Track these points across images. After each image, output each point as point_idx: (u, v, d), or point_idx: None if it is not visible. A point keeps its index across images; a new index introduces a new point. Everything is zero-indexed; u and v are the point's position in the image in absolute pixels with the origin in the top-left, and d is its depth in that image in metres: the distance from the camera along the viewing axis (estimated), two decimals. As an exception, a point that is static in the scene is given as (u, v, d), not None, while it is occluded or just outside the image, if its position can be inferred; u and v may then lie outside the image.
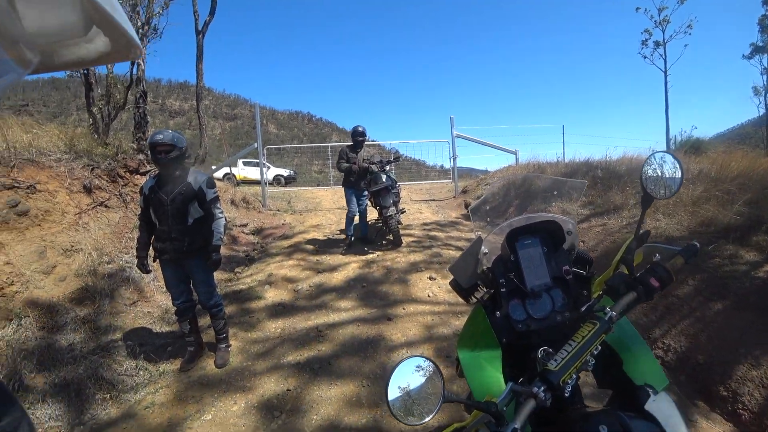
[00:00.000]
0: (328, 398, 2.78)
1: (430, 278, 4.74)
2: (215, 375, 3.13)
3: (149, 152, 3.09)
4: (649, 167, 1.26)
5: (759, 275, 3.13)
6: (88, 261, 3.83)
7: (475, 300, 1.48)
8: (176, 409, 2.76)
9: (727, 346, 2.86)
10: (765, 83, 23.62)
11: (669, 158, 1.26)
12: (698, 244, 1.24)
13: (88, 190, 4.50)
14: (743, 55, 25.53)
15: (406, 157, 15.53)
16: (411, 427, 0.90)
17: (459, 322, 3.69)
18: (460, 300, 1.53)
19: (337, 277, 4.98)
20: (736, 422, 2.53)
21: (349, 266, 5.34)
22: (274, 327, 3.83)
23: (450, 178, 11.29)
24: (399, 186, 6.90)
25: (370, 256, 5.69)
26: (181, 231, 3.08)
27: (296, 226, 7.88)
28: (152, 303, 4.10)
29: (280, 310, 4.17)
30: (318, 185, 14.90)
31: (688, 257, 1.21)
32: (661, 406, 0.98)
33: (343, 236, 6.35)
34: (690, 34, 25.82)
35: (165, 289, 4.30)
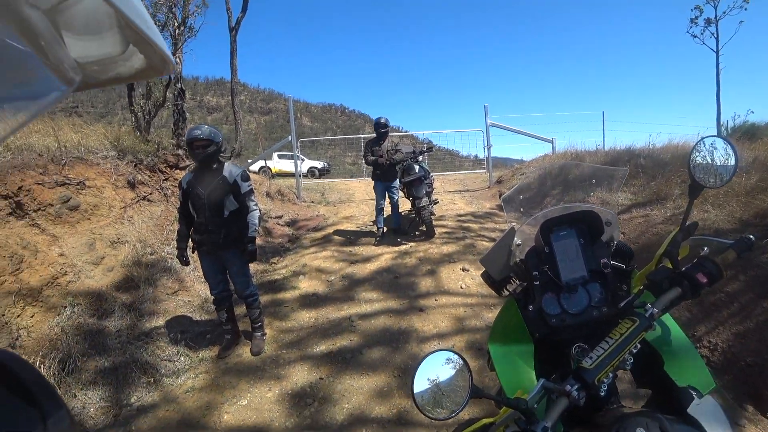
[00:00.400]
0: (359, 388, 2.82)
1: (463, 270, 4.69)
2: (251, 362, 3.23)
3: (187, 148, 3.19)
4: (698, 153, 1.18)
5: None
6: (132, 252, 4.03)
7: (507, 293, 1.44)
8: (214, 394, 2.87)
9: None
10: None
11: (721, 143, 1.17)
12: (753, 237, 1.15)
13: (131, 185, 4.72)
14: None
15: (439, 147, 15.38)
16: (437, 421, 0.88)
17: (491, 315, 3.63)
18: (493, 292, 1.49)
19: (370, 268, 5.01)
20: None
21: (381, 257, 5.35)
22: (308, 317, 3.90)
23: (484, 168, 11.08)
24: (432, 176, 6.83)
25: (402, 247, 5.69)
26: (217, 223, 3.17)
27: (330, 217, 7.98)
28: (192, 292, 4.27)
29: (313, 300, 4.24)
30: (351, 177, 15.00)
31: (742, 251, 1.13)
32: (706, 410, 0.92)
33: (376, 228, 6.37)
34: (746, 9, 23.85)
35: (203, 279, 4.49)
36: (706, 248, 1.13)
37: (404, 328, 3.55)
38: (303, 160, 15.73)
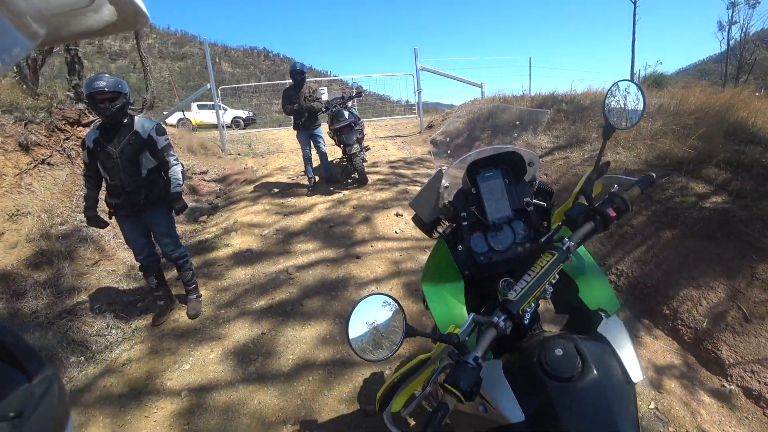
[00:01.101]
0: (302, 338, 2.90)
1: (397, 215, 4.81)
2: (189, 326, 3.18)
3: (89, 102, 2.78)
4: (612, 97, 1.24)
5: (706, 206, 3.35)
6: (38, 224, 3.66)
7: (437, 234, 1.49)
8: (154, 362, 2.82)
9: (672, 270, 3.12)
10: (729, 18, 23.16)
11: (633, 88, 1.25)
12: (654, 175, 1.27)
13: (24, 147, 4.18)
14: None
15: (369, 92, 15.04)
16: (374, 362, 0.93)
17: (426, 257, 3.82)
18: (426, 236, 1.56)
19: (304, 219, 4.98)
20: (674, 336, 2.84)
21: (315, 207, 5.33)
22: (243, 273, 3.86)
23: (415, 113, 11.08)
24: (363, 123, 6.73)
25: (336, 196, 5.68)
26: (135, 184, 2.92)
27: (259, 169, 7.69)
28: (115, 261, 4.02)
29: (248, 257, 4.18)
30: (279, 126, 14.34)
31: (645, 187, 1.23)
32: (612, 328, 1.03)
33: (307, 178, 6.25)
34: None
35: (126, 245, 4.23)
36: (615, 186, 1.23)
37: (342, 276, 3.65)
38: (225, 110, 14.67)
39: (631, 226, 3.63)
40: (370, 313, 0.94)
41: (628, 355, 0.97)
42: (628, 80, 1.26)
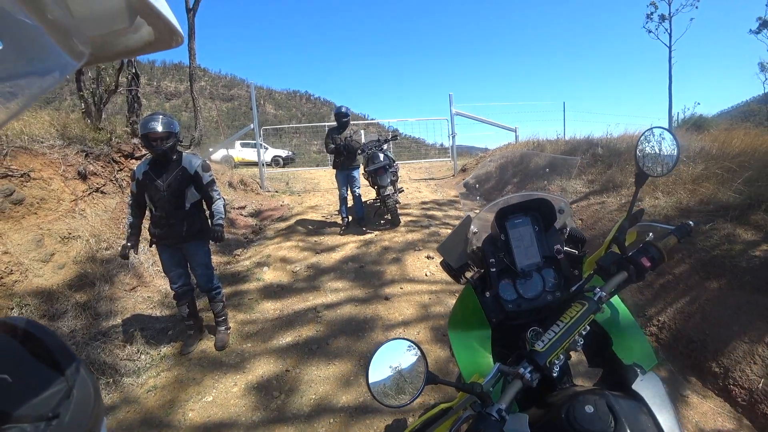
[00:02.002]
0: (326, 378, 2.85)
1: (428, 257, 4.77)
2: (215, 357, 3.19)
3: (143, 141, 3.02)
4: (644, 144, 1.23)
5: (755, 254, 3.12)
6: (86, 248, 3.86)
7: (465, 280, 1.46)
8: (177, 391, 2.83)
9: (720, 324, 2.88)
10: None
11: (665, 134, 1.23)
12: (692, 223, 1.22)
13: (83, 176, 4.49)
14: (750, 30, 24.75)
15: (405, 135, 15.41)
16: (393, 408, 0.91)
17: (454, 301, 3.73)
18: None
19: (335, 257, 5.01)
20: (726, 397, 2.57)
21: (346, 246, 5.37)
22: (273, 308, 3.88)
23: (449, 157, 11.22)
24: (397, 165, 6.86)
25: (367, 236, 5.72)
26: (179, 216, 3.07)
27: (294, 207, 7.89)
28: (152, 288, 4.15)
29: (278, 292, 4.22)
30: (317, 165, 14.83)
31: (681, 236, 1.19)
32: (649, 385, 0.97)
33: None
34: (697, 7, 25.08)
35: (163, 273, 4.37)
36: (651, 234, 1.19)
37: (369, 316, 3.60)
38: (266, 148, 15.36)
39: (673, 274, 3.42)
40: (392, 358, 0.92)
41: (666, 416, 0.90)
42: (661, 127, 1.24)
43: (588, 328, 1.02)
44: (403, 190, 6.96)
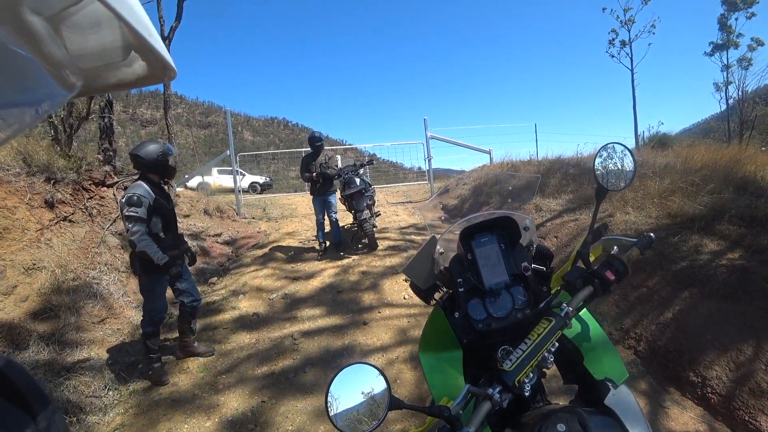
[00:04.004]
0: (302, 408, 2.77)
1: (405, 280, 4.77)
2: (186, 392, 3.07)
3: (163, 164, 3.09)
4: (601, 159, 1.25)
5: (722, 263, 3.23)
6: (51, 279, 3.71)
7: (434, 301, 1.45)
8: (147, 428, 2.70)
9: (694, 333, 2.94)
10: (725, 79, 24.43)
11: (619, 148, 1.25)
12: (653, 236, 1.24)
13: (50, 204, 4.35)
14: (704, 52, 26.38)
15: (382, 159, 15.59)
16: None
17: (433, 325, 3.73)
18: None
19: (313, 284, 4.96)
20: (705, 406, 2.60)
21: (324, 272, 5.32)
22: (248, 338, 3.78)
23: (426, 180, 11.37)
24: (373, 189, 6.91)
25: (345, 261, 5.69)
26: (181, 236, 3.28)
27: (271, 233, 7.80)
28: (121, 319, 3.99)
29: (254, 321, 4.12)
30: (295, 191, 14.77)
31: (644, 248, 1.21)
32: (621, 399, 0.98)
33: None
34: (654, 33, 26.55)
35: (135, 304, 4.23)
36: (615, 247, 1.21)
37: (347, 343, 3.55)
38: (243, 175, 15.25)
39: (646, 287, 3.50)
40: (353, 384, 0.89)
41: (639, 430, 0.91)
42: (616, 142, 1.27)
43: (557, 344, 1.01)
44: (380, 214, 6.99)
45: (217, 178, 17.22)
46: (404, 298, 4.37)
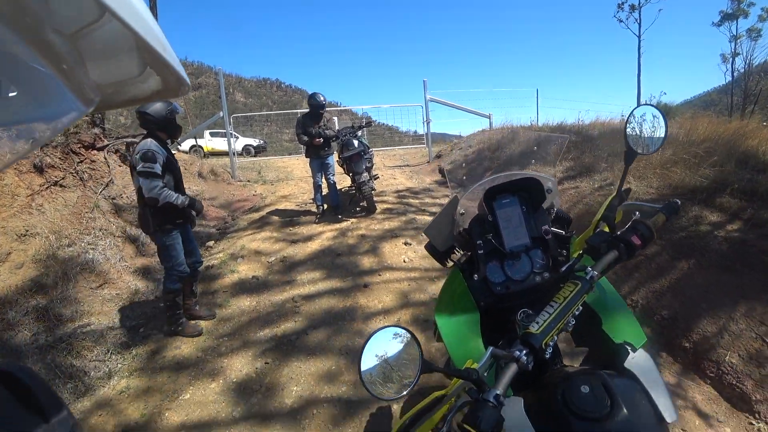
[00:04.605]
0: (307, 370, 2.80)
1: (406, 244, 4.75)
2: (190, 354, 3.08)
3: (171, 121, 3.11)
4: (633, 122, 1.21)
5: (721, 235, 3.25)
6: (45, 245, 3.64)
7: (451, 263, 1.44)
8: (152, 391, 2.72)
9: (690, 302, 2.99)
10: (732, 50, 23.76)
11: (654, 112, 1.22)
12: (679, 201, 1.21)
13: (39, 169, 4.23)
14: (713, 22, 25.54)
15: (379, 122, 15.25)
16: (389, 401, 0.86)
17: (435, 287, 3.73)
18: (437, 264, 1.49)
19: (311, 247, 4.93)
20: (696, 371, 2.68)
21: (322, 235, 5.29)
22: (249, 302, 3.78)
23: (423, 143, 11.18)
24: (372, 152, 6.78)
25: (343, 224, 5.65)
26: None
27: (267, 196, 7.72)
28: (119, 285, 3.96)
29: (254, 284, 4.11)
30: (289, 154, 14.54)
31: (670, 214, 1.19)
32: (640, 363, 0.97)
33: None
34: None
35: (132, 269, 4.20)
36: (637, 213, 1.17)
37: (349, 306, 3.56)
38: (237, 137, 14.94)
39: (645, 255, 3.50)
40: (385, 347, 0.89)
41: (659, 392, 0.90)
42: (649, 105, 1.23)
43: (581, 308, 1.00)
44: (378, 177, 6.89)
45: (210, 141, 16.91)
46: (404, 261, 4.36)
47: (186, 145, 13.72)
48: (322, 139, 5.52)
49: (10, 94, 0.35)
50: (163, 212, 2.98)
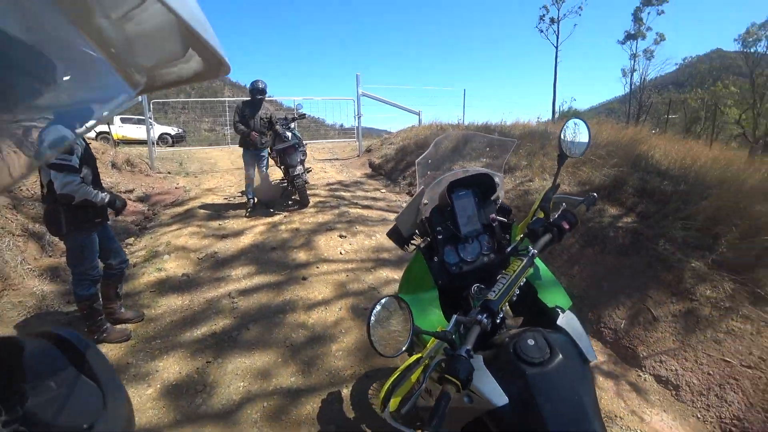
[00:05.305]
0: (252, 365, 2.76)
1: (341, 236, 4.81)
2: (119, 360, 2.85)
3: None
4: (565, 131, 1.50)
5: (619, 225, 3.83)
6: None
7: (411, 248, 1.66)
8: (77, 400, 2.51)
9: (595, 282, 3.51)
10: (631, 66, 27.60)
11: (582, 125, 1.53)
12: (596, 195, 1.53)
13: None
14: (618, 40, 28.96)
15: (309, 115, 14.98)
16: (390, 357, 1.01)
17: (372, 278, 3.85)
18: (371, 256, 1.69)
19: (244, 242, 4.80)
20: (599, 338, 3.14)
21: (254, 230, 5.16)
22: (180, 301, 3.60)
23: (353, 137, 11.25)
24: (305, 145, 6.71)
25: (276, 218, 5.56)
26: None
27: (191, 189, 7.32)
28: (22, 291, 3.54)
29: (184, 282, 3.92)
30: (210, 145, 13.78)
31: (589, 205, 1.48)
32: (568, 320, 1.22)
33: (245, 199, 6.04)
34: (580, 15, 28.78)
35: (37, 272, 3.79)
36: (563, 204, 1.45)
37: (288, 299, 3.55)
38: (153, 125, 13.81)
39: (558, 244, 3.98)
40: (387, 313, 1.05)
41: (584, 343, 1.15)
42: (579, 119, 1.55)
43: (525, 280, 1.24)
44: (310, 170, 6.84)
45: (121, 128, 15.46)
46: (340, 253, 4.42)
47: (93, 131, 12.41)
48: (258, 134, 5.39)
49: (65, 78, 0.36)
50: (78, 210, 2.64)
